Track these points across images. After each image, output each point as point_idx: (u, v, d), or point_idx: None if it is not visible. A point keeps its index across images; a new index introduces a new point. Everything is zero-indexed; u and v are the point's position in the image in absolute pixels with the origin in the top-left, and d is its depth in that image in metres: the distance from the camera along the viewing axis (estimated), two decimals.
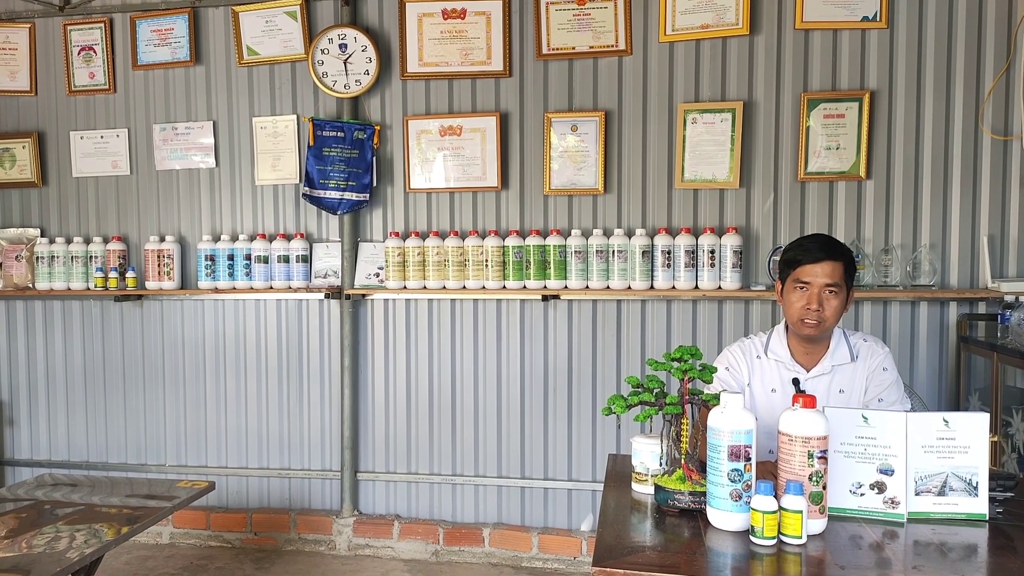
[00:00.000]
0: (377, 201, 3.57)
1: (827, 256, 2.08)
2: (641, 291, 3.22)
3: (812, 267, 2.08)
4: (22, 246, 3.80)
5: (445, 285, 3.38)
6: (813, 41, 3.19)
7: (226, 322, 3.73)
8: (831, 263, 2.08)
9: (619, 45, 3.30)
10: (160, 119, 3.72)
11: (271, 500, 3.74)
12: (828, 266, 2.08)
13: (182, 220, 3.74)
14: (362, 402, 3.64)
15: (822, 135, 3.15)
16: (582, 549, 3.40)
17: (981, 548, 1.51)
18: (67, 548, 2.08)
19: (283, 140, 3.60)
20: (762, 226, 3.25)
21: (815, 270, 2.08)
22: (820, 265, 2.08)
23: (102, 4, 3.75)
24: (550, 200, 3.42)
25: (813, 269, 2.08)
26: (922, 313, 3.17)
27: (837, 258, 2.09)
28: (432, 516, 3.60)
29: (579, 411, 3.45)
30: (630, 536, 1.56)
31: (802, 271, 2.10)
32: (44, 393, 3.92)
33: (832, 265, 2.08)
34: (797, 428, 1.52)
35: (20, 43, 3.81)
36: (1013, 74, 3.05)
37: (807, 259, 2.10)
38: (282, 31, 3.55)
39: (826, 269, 2.07)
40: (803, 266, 2.10)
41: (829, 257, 2.08)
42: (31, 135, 3.80)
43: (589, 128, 3.33)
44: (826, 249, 2.10)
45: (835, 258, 2.09)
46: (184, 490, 2.64)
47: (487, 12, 3.39)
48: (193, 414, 3.78)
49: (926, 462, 1.62)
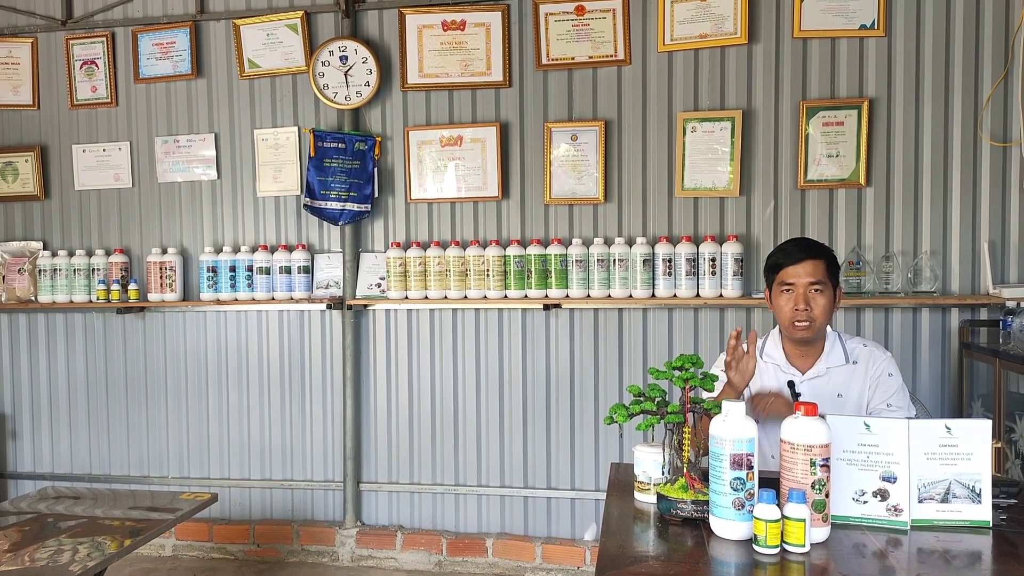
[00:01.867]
0: (378, 211, 3.58)
1: (807, 255, 2.12)
2: (642, 299, 3.22)
3: (794, 268, 2.12)
4: (25, 259, 3.81)
5: (447, 295, 3.38)
6: (811, 49, 3.20)
7: (228, 333, 3.74)
8: (812, 262, 2.12)
9: (618, 55, 3.32)
10: (162, 132, 3.74)
11: (274, 511, 3.73)
12: (809, 265, 2.11)
13: (184, 232, 3.75)
14: (364, 412, 3.64)
15: (821, 143, 3.16)
16: (586, 559, 3.39)
17: (985, 555, 1.51)
18: (70, 561, 2.07)
19: (284, 152, 3.62)
20: (763, 234, 3.26)
21: (797, 271, 2.12)
22: (801, 265, 2.12)
23: (104, 18, 3.77)
24: (551, 209, 3.43)
25: (795, 270, 2.12)
26: (924, 320, 3.17)
27: (817, 256, 2.13)
28: (435, 526, 3.60)
29: (581, 420, 3.45)
30: (633, 546, 1.56)
31: (785, 273, 2.14)
32: (47, 406, 3.92)
33: (813, 264, 2.12)
34: (799, 436, 1.51)
35: (23, 58, 3.83)
36: (1011, 80, 3.06)
37: (788, 261, 2.14)
38: (283, 44, 3.57)
39: (807, 268, 2.11)
40: (785, 268, 2.14)
41: (809, 256, 2.12)
42: (34, 149, 3.82)
43: (589, 138, 3.34)
44: (806, 249, 2.15)
45: (815, 256, 2.13)
46: (187, 502, 2.64)
47: (487, 23, 3.41)
48: (196, 425, 3.78)
49: (929, 469, 1.61)
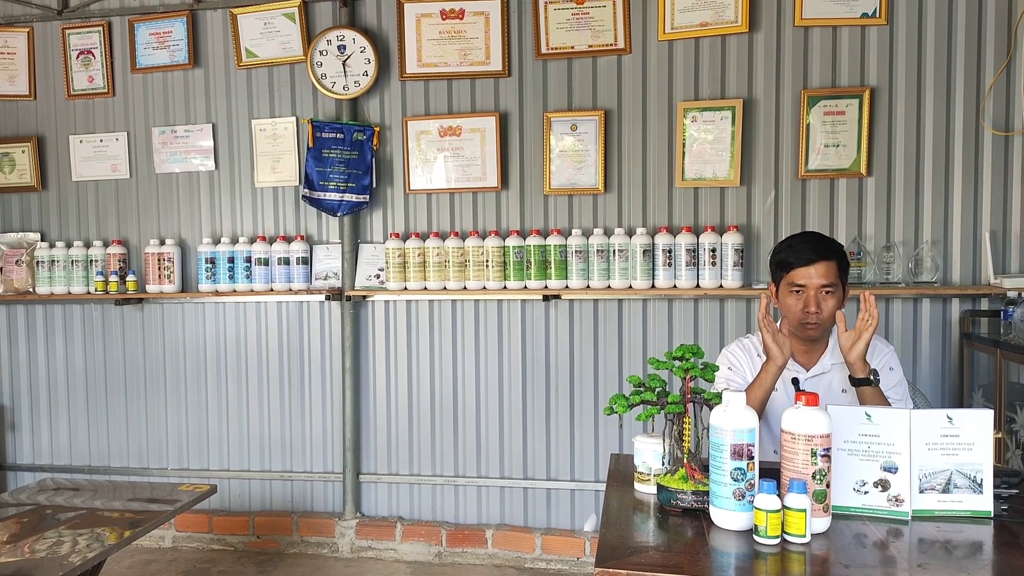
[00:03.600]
0: (377, 202, 3.57)
1: (819, 257, 2.06)
2: (642, 290, 3.21)
3: (805, 270, 2.06)
4: (22, 250, 3.79)
5: (446, 286, 3.37)
6: (813, 38, 3.18)
7: (227, 325, 3.73)
8: (824, 263, 2.05)
9: (618, 44, 3.29)
10: (159, 122, 3.72)
11: (273, 503, 3.73)
12: (821, 267, 2.05)
13: (182, 223, 3.74)
14: (364, 404, 3.64)
15: (822, 132, 3.14)
16: (585, 549, 3.39)
17: (986, 545, 1.50)
18: (69, 553, 2.07)
19: (282, 142, 3.60)
20: (763, 224, 3.25)
21: (808, 272, 2.06)
22: (813, 267, 2.05)
23: (100, 7, 3.75)
24: (550, 200, 3.42)
25: (807, 272, 2.06)
26: (924, 310, 3.16)
27: (829, 257, 2.07)
28: (435, 517, 3.60)
29: (581, 411, 3.44)
30: (633, 536, 1.55)
31: (795, 274, 2.08)
32: (46, 397, 3.92)
33: (825, 266, 2.05)
34: (800, 426, 1.51)
35: (19, 47, 3.80)
36: (1014, 69, 3.04)
37: (799, 262, 2.07)
38: (280, 33, 3.54)
39: (820, 270, 2.05)
40: (795, 269, 2.08)
41: (821, 258, 2.06)
42: (30, 139, 3.80)
43: (589, 127, 3.33)
44: (817, 250, 2.07)
45: (827, 258, 2.06)
46: (186, 493, 2.63)
47: (485, 12, 3.38)
48: (195, 417, 3.78)
49: (930, 459, 1.61)
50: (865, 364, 1.98)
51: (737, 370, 2.23)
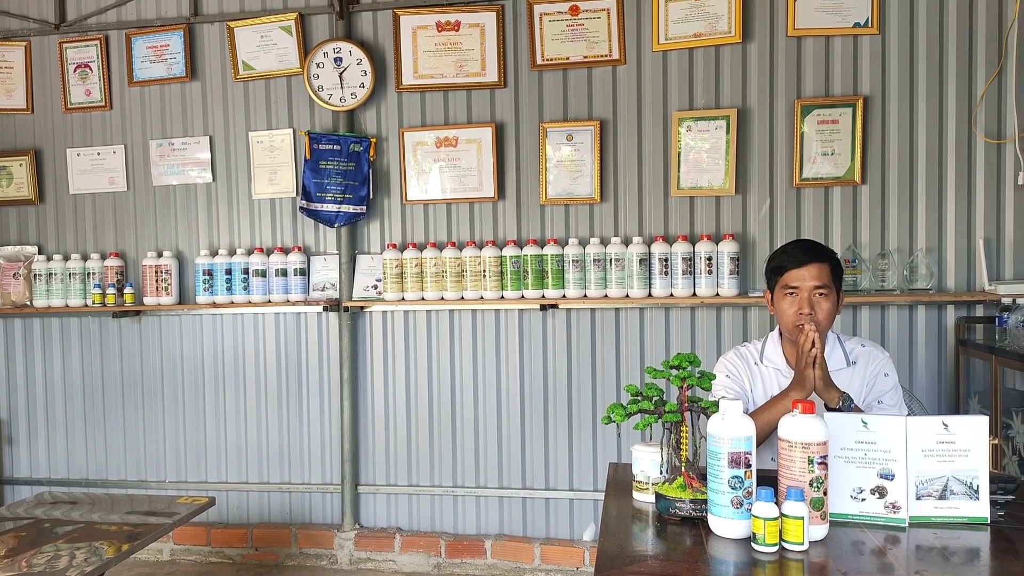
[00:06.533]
0: (374, 213, 3.58)
1: (812, 259, 2.10)
2: (639, 299, 3.22)
3: (799, 271, 2.09)
4: (20, 264, 3.80)
5: (443, 296, 3.38)
6: (805, 48, 3.21)
7: (224, 337, 3.73)
8: (817, 265, 2.09)
9: (613, 55, 3.32)
10: (156, 135, 3.73)
11: (272, 515, 3.72)
12: (815, 268, 2.09)
13: (179, 235, 3.75)
14: (362, 415, 3.64)
15: (816, 141, 3.16)
16: (585, 559, 3.39)
17: (983, 552, 1.51)
18: (67, 566, 2.07)
19: (279, 154, 3.61)
20: (759, 232, 3.26)
21: (802, 274, 2.09)
22: (807, 268, 2.09)
23: (97, 21, 3.76)
24: (547, 210, 3.43)
25: (800, 273, 2.09)
26: (920, 317, 3.18)
27: (822, 260, 2.10)
28: (433, 528, 3.59)
29: (579, 420, 3.45)
30: (632, 545, 1.55)
31: (789, 276, 2.11)
32: (43, 411, 3.91)
33: (818, 267, 2.09)
34: (797, 434, 1.51)
35: (16, 61, 3.82)
36: (1005, 77, 3.07)
37: (792, 264, 2.11)
38: (277, 46, 3.56)
39: (813, 272, 2.08)
40: (789, 272, 2.11)
41: (814, 260, 2.10)
42: (28, 153, 3.81)
43: (584, 137, 3.35)
44: (811, 252, 2.12)
45: (820, 260, 2.10)
46: (184, 506, 2.63)
47: (481, 24, 3.41)
48: (192, 429, 3.77)
49: (926, 466, 1.61)
50: (832, 391, 1.96)
51: (735, 378, 2.23)
